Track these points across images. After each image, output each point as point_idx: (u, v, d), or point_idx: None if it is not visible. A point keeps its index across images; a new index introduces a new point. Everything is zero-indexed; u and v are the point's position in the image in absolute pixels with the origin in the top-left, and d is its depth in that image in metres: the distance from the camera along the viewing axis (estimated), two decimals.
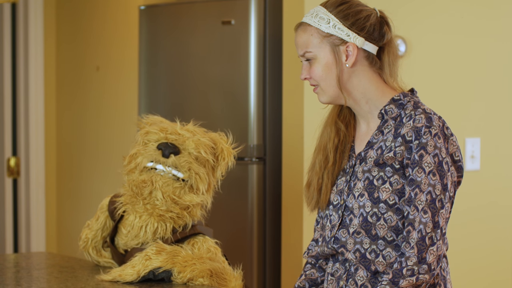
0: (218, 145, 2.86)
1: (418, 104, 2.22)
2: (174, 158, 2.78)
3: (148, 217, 2.80)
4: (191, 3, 4.08)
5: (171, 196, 2.77)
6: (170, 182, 2.77)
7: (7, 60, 4.94)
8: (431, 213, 2.14)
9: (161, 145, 2.80)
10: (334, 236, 2.26)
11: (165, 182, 2.77)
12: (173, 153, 2.79)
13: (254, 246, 3.85)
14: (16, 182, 5.01)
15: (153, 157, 2.80)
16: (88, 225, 2.99)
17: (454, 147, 2.20)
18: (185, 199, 2.78)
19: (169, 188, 2.77)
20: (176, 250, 2.67)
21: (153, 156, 2.80)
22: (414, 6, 3.92)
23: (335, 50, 2.23)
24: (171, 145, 2.79)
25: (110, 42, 4.84)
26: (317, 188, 2.31)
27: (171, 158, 2.78)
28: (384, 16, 2.27)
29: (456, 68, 4.02)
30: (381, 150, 2.21)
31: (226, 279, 2.65)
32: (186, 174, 2.78)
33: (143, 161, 2.81)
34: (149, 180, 2.77)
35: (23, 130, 4.97)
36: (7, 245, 4.99)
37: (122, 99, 4.77)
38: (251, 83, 3.84)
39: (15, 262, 3.11)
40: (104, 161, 4.90)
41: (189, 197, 2.79)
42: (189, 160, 2.78)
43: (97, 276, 2.71)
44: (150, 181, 2.77)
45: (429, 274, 2.13)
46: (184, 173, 2.78)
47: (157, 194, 2.77)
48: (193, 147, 2.80)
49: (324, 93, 2.27)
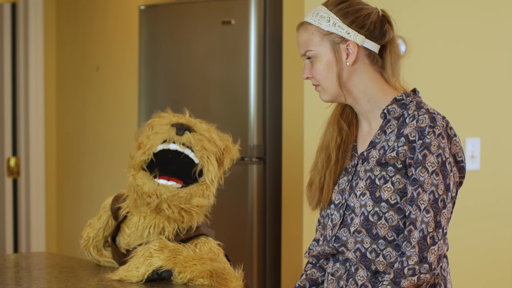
0: (223, 141, 2.88)
1: (421, 104, 2.22)
2: (188, 135, 2.78)
3: (152, 218, 2.80)
4: (191, 3, 4.08)
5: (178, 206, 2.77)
6: (175, 193, 2.77)
7: (7, 60, 4.94)
8: (433, 213, 2.14)
9: (175, 124, 2.80)
10: (335, 235, 2.26)
11: (170, 195, 2.76)
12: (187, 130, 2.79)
13: (254, 246, 3.85)
14: (16, 182, 5.01)
15: (166, 135, 2.80)
16: (90, 224, 2.99)
17: (457, 148, 2.20)
18: (192, 204, 2.78)
19: (175, 199, 2.76)
20: (178, 249, 2.67)
21: (167, 134, 2.80)
22: (415, 7, 3.92)
23: (335, 48, 2.23)
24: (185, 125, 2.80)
25: (110, 42, 4.84)
26: (319, 187, 2.31)
27: (185, 135, 2.78)
28: (386, 14, 2.27)
29: (456, 68, 4.02)
30: (383, 150, 2.21)
31: (227, 279, 2.65)
32: (199, 154, 2.77)
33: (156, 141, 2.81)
34: (154, 193, 2.76)
35: (23, 130, 4.97)
36: (7, 245, 4.99)
37: (122, 99, 4.77)
38: (251, 83, 3.84)
39: (15, 262, 3.11)
40: (104, 161, 4.90)
41: (196, 201, 2.79)
42: (202, 138, 2.79)
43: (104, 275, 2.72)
44: (155, 195, 2.76)
45: (430, 274, 2.14)
46: (197, 152, 2.77)
47: (164, 205, 2.78)
48: (205, 129, 2.82)
49: (325, 92, 2.27)
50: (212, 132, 2.85)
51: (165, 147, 2.80)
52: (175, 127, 2.79)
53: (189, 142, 2.78)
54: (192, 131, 2.80)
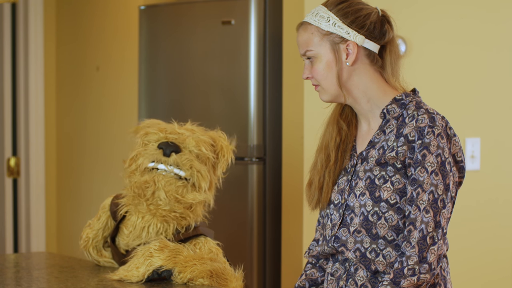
0: (217, 143, 2.87)
1: (421, 104, 2.22)
2: (175, 157, 2.78)
3: (150, 217, 2.80)
4: (191, 3, 4.08)
5: (174, 195, 2.77)
6: (172, 181, 2.77)
7: (7, 60, 4.94)
8: (432, 213, 2.14)
9: (161, 145, 2.80)
10: (334, 235, 2.26)
11: (167, 181, 2.77)
12: (174, 151, 2.79)
13: (254, 246, 3.85)
14: (16, 182, 5.01)
15: (154, 157, 2.80)
16: (89, 225, 2.99)
17: (457, 148, 2.20)
18: (188, 198, 2.78)
19: (172, 187, 2.77)
20: (178, 248, 2.67)
21: (154, 156, 2.80)
22: (415, 7, 3.92)
23: (335, 48, 2.23)
24: (172, 144, 2.79)
25: (110, 42, 4.84)
26: (318, 187, 2.31)
27: (172, 156, 2.79)
28: (386, 14, 2.27)
29: (456, 68, 4.02)
30: (383, 149, 2.21)
31: (227, 279, 2.65)
32: (188, 172, 2.78)
33: (144, 162, 2.82)
34: (151, 180, 2.77)
35: (23, 130, 4.97)
36: (7, 245, 4.99)
37: (122, 99, 4.77)
38: (251, 83, 3.84)
39: (15, 262, 3.11)
40: (104, 161, 4.90)
41: (192, 195, 2.79)
42: (190, 158, 2.79)
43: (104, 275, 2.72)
44: (153, 181, 2.77)
45: (430, 274, 2.14)
46: (186, 171, 2.78)
47: (160, 194, 2.77)
48: (193, 144, 2.81)
49: (325, 92, 2.27)
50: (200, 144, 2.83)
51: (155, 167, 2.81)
52: (161, 148, 2.79)
53: (176, 164, 2.78)
54: (179, 150, 2.79)
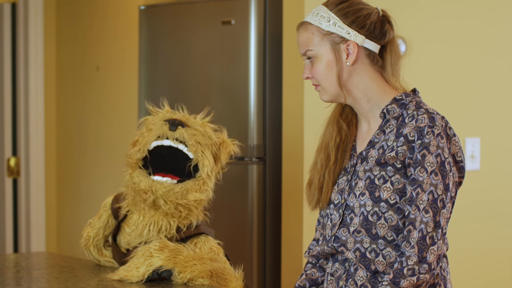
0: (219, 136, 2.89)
1: (421, 104, 2.22)
2: (182, 130, 2.78)
3: (152, 215, 2.80)
4: (191, 3, 4.08)
5: (175, 202, 2.77)
6: (170, 188, 2.77)
7: (7, 60, 4.94)
8: (432, 213, 2.14)
9: (168, 120, 2.81)
10: (334, 235, 2.26)
11: (166, 190, 2.77)
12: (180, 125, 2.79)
13: (254, 246, 3.85)
14: (16, 182, 5.01)
15: (160, 130, 2.80)
16: (90, 223, 3.00)
17: (457, 148, 2.20)
18: (189, 199, 2.78)
19: (171, 194, 2.77)
20: (178, 248, 2.67)
21: (160, 130, 2.80)
22: (416, 8, 3.92)
23: (335, 48, 2.23)
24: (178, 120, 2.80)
25: (110, 42, 4.84)
26: (318, 186, 2.31)
27: (178, 130, 2.79)
28: (386, 14, 2.27)
29: (456, 68, 4.02)
30: (382, 149, 2.21)
31: (227, 279, 2.65)
32: (193, 148, 2.78)
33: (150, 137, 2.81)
34: (149, 190, 2.77)
35: (23, 130, 4.97)
36: (7, 245, 4.99)
37: (122, 99, 4.77)
38: (251, 83, 3.84)
39: (15, 262, 3.11)
40: (104, 161, 4.90)
41: (192, 196, 2.79)
42: (196, 133, 2.79)
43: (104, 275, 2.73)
44: (151, 191, 2.77)
45: (430, 274, 2.14)
46: (191, 147, 2.78)
47: (160, 201, 2.78)
48: (199, 123, 2.82)
49: (325, 92, 2.27)
50: (206, 126, 2.85)
51: (159, 144, 2.81)
52: (168, 122, 2.80)
53: (183, 137, 2.79)
54: (185, 126, 2.81)
